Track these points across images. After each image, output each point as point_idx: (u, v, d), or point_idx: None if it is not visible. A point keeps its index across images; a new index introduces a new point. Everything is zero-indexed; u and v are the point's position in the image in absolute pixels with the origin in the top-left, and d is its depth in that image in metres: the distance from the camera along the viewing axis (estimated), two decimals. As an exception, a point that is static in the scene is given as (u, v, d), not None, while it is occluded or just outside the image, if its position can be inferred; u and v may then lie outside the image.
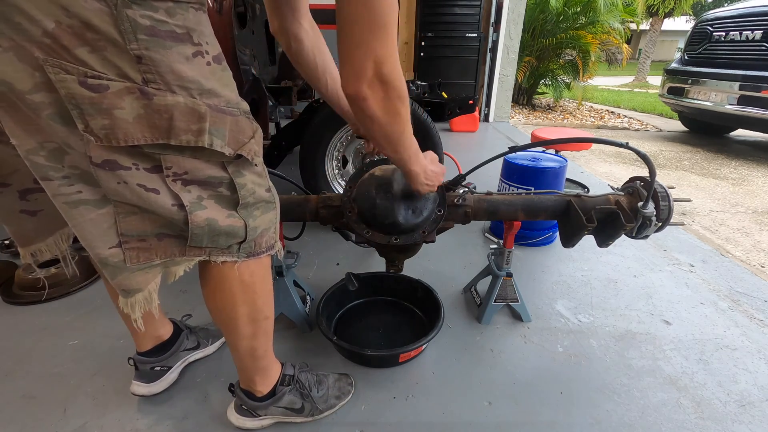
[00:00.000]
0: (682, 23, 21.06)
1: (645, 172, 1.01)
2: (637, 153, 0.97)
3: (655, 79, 13.98)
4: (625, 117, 6.61)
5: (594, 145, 4.00)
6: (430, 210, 1.08)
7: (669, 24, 18.06)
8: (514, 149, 1.10)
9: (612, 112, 7.09)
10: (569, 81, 7.04)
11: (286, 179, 1.21)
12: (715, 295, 1.53)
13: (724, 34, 3.96)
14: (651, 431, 0.98)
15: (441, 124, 4.45)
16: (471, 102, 2.29)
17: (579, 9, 6.39)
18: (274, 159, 2.00)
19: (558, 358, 1.20)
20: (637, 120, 6.34)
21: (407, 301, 1.39)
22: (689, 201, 1.25)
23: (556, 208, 1.12)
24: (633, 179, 1.10)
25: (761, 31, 3.58)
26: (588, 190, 2.34)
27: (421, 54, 4.66)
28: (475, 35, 4.55)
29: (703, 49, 4.22)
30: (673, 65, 4.64)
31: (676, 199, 1.05)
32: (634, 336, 1.30)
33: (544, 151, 2.08)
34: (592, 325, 1.34)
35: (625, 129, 5.76)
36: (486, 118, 5.19)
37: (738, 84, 3.72)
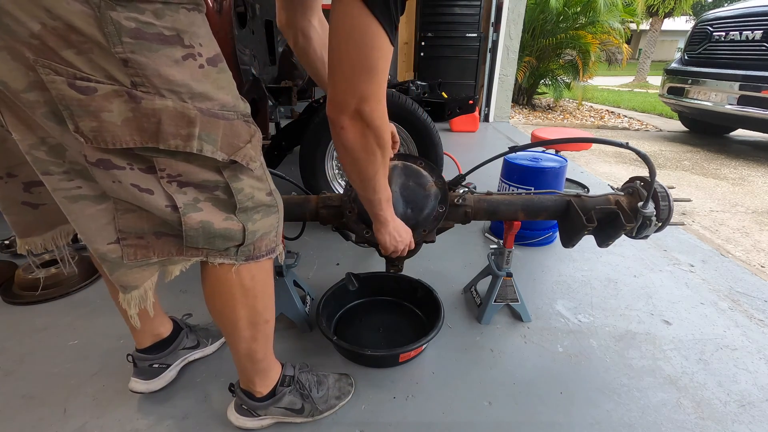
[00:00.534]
0: (682, 23, 21.07)
1: (645, 172, 1.01)
2: (637, 153, 0.97)
3: (655, 79, 13.98)
4: (625, 117, 6.61)
5: (594, 145, 4.00)
6: (431, 207, 1.08)
7: (669, 24, 18.07)
8: (514, 149, 1.10)
9: (612, 112, 7.09)
10: (569, 81, 7.04)
11: (286, 179, 1.21)
12: (715, 295, 1.53)
13: (724, 34, 3.96)
14: (651, 431, 0.98)
15: (441, 124, 4.45)
16: (471, 102, 2.29)
17: (579, 9, 6.39)
18: (274, 159, 2.00)
19: (558, 358, 1.20)
20: (637, 120, 6.34)
21: (407, 301, 1.39)
22: (689, 201, 1.25)
23: (556, 208, 1.12)
24: (633, 179, 1.10)
25: (761, 31, 3.58)
26: (588, 190, 2.34)
27: (421, 54, 4.67)
28: (475, 35, 4.55)
29: (703, 49, 4.22)
30: (673, 65, 4.64)
31: (676, 199, 1.05)
32: (634, 336, 1.30)
33: (544, 151, 2.08)
34: (592, 325, 1.34)
35: (625, 129, 5.76)
36: (486, 118, 5.19)
37: (738, 84, 3.72)
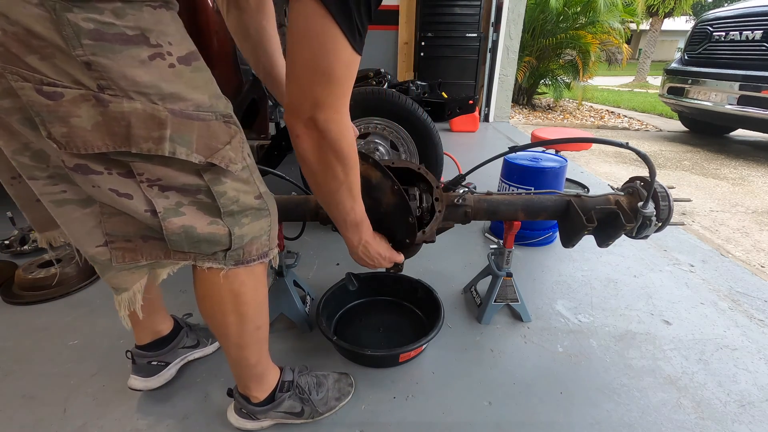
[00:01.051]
0: (682, 23, 21.06)
1: (645, 172, 1.01)
2: (637, 153, 0.97)
3: (655, 79, 13.99)
4: (625, 117, 6.61)
5: (594, 145, 4.00)
6: (400, 224, 0.97)
7: (669, 24, 18.07)
8: (514, 149, 1.10)
9: (612, 112, 7.09)
10: (569, 81, 7.04)
11: (286, 179, 1.21)
12: (715, 295, 1.53)
13: (724, 34, 3.96)
14: (651, 431, 0.98)
15: (441, 124, 4.45)
16: (471, 102, 2.29)
17: (579, 9, 6.40)
18: (274, 159, 2.00)
19: (558, 358, 1.20)
20: (637, 120, 6.34)
21: (407, 301, 1.39)
22: (689, 201, 1.25)
23: (556, 208, 1.12)
24: (633, 179, 1.10)
25: (761, 31, 3.58)
26: (588, 190, 2.34)
27: (421, 54, 4.66)
28: (475, 35, 4.55)
29: (703, 49, 4.22)
30: (673, 65, 4.64)
31: (676, 199, 1.05)
32: (634, 336, 1.30)
33: (544, 151, 2.08)
34: (592, 325, 1.34)
35: (625, 129, 5.76)
36: (486, 118, 5.19)
37: (738, 84, 3.72)
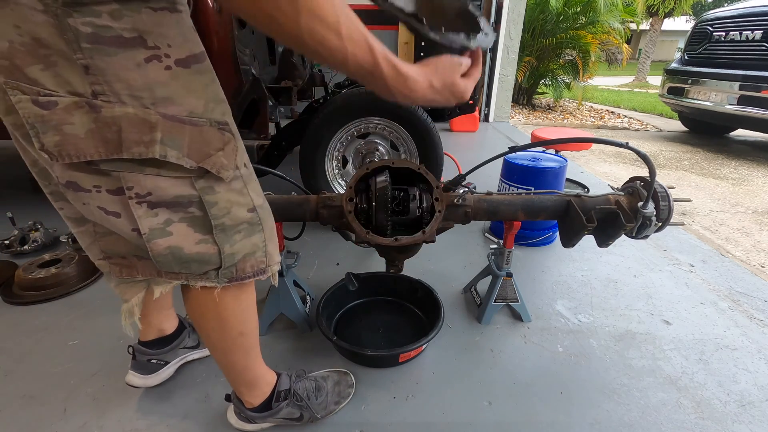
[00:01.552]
0: (682, 23, 21.07)
1: (645, 172, 1.01)
2: (637, 153, 0.97)
3: (655, 79, 13.97)
4: (625, 117, 6.60)
5: (594, 145, 4.00)
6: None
7: (669, 24, 18.07)
8: (514, 149, 1.10)
9: (612, 112, 7.09)
10: (569, 81, 7.03)
11: (286, 179, 1.21)
12: (715, 295, 1.53)
13: (724, 34, 3.96)
14: (651, 431, 0.98)
15: (441, 124, 4.44)
16: (471, 102, 2.29)
17: (579, 9, 6.39)
18: (274, 159, 2.00)
19: (558, 358, 1.20)
20: (637, 120, 6.34)
21: (407, 301, 1.39)
22: (689, 201, 1.25)
23: (556, 208, 1.12)
24: (633, 179, 1.10)
25: (761, 31, 3.58)
26: (588, 190, 2.34)
27: (421, 54, 4.66)
28: (475, 35, 4.55)
29: (703, 49, 4.22)
30: (673, 65, 4.64)
31: (676, 199, 1.05)
32: (634, 336, 1.30)
33: (544, 151, 2.08)
34: (592, 325, 1.34)
35: (625, 129, 5.75)
36: (486, 118, 5.19)
37: (738, 84, 3.72)
